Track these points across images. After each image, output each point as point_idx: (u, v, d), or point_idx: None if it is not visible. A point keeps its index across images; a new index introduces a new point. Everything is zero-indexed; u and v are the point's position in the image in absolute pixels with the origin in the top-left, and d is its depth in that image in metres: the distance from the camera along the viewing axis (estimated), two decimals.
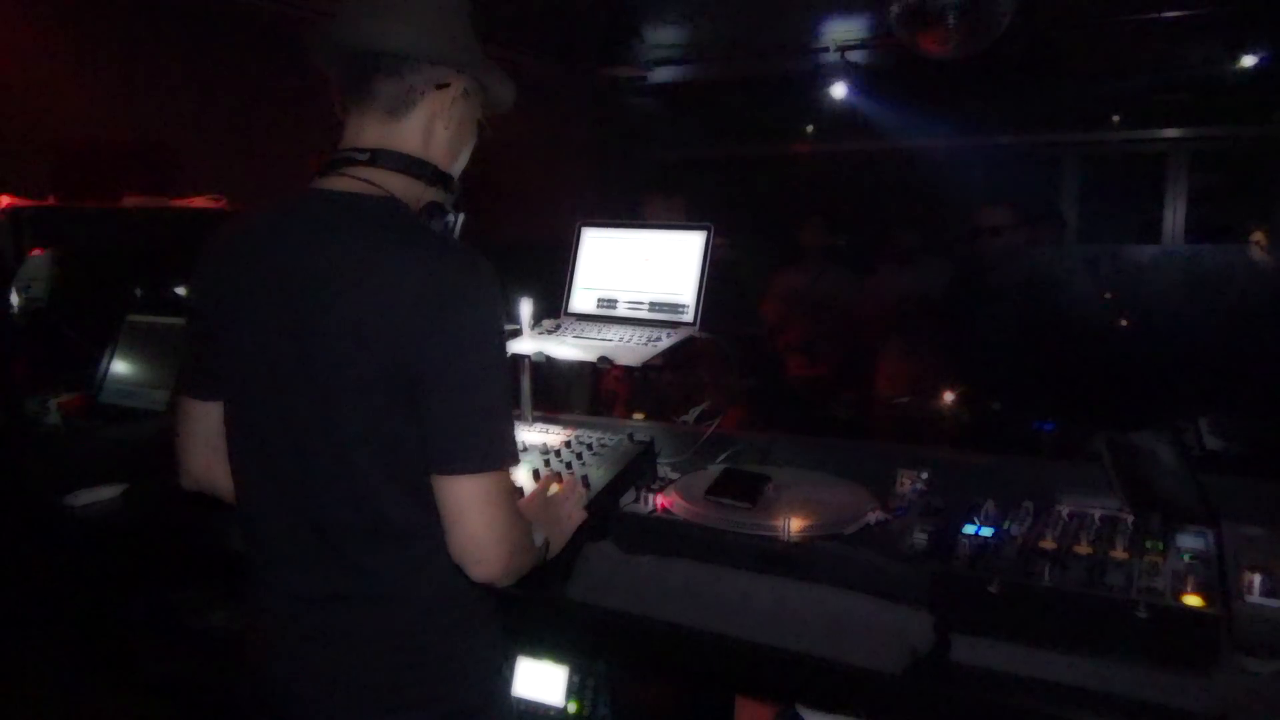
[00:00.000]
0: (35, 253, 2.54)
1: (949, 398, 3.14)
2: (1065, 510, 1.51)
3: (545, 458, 1.77)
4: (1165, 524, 1.44)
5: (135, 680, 2.26)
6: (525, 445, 1.86)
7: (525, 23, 4.62)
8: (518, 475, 1.68)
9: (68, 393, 2.51)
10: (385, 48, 1.23)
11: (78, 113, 3.39)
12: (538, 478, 1.68)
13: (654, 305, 1.99)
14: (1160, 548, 1.35)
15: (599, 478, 1.66)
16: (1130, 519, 1.47)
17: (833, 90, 5.27)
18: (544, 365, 1.97)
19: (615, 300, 2.04)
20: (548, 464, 1.75)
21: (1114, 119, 5.99)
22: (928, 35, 3.54)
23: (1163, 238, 6.00)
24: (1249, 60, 4.70)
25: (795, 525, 1.45)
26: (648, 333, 1.92)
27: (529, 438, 1.91)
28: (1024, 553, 1.34)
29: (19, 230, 2.49)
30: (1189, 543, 1.39)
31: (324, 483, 1.20)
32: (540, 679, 1.73)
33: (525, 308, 2.04)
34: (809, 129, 6.56)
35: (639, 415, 2.57)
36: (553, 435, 1.92)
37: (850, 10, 4.63)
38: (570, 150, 5.95)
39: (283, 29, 3.84)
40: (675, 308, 1.96)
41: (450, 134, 1.31)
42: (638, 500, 1.61)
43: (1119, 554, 1.33)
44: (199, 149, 3.72)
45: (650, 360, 1.80)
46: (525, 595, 1.46)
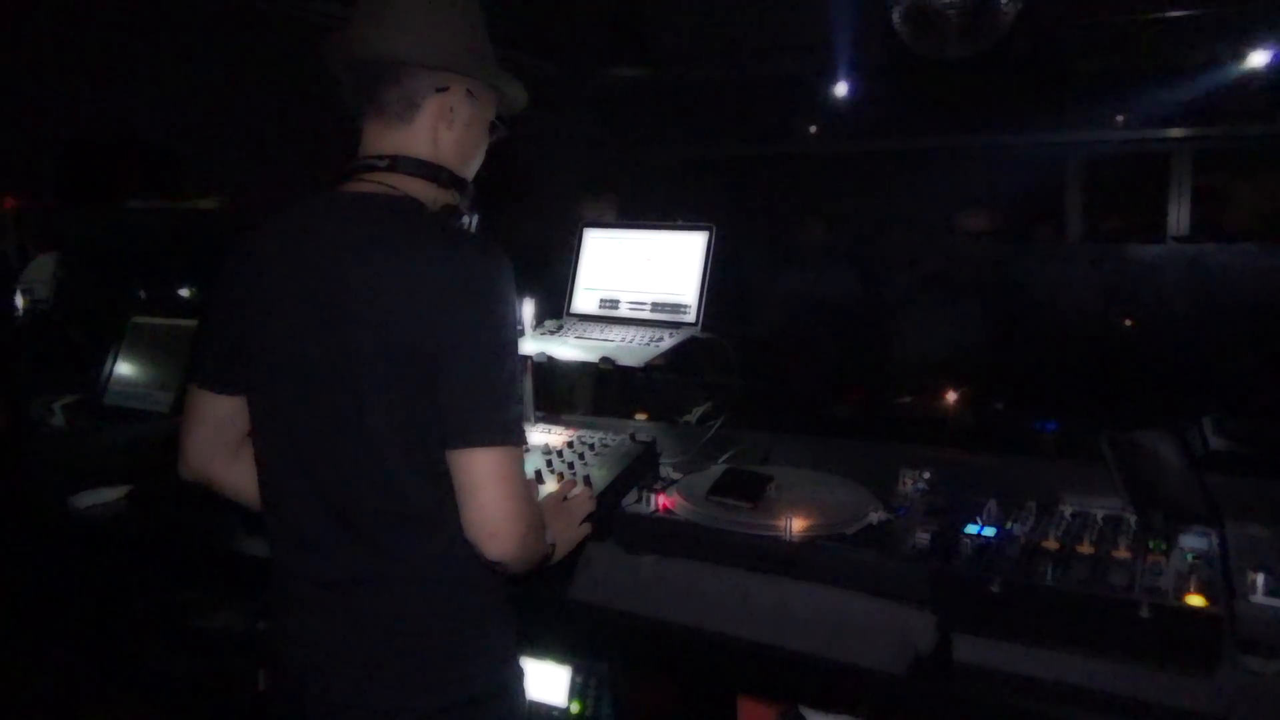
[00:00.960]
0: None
1: (951, 398, 3.14)
2: (1068, 510, 1.51)
3: (547, 458, 1.78)
4: (1168, 524, 1.43)
5: (140, 681, 2.26)
6: (528, 446, 1.86)
7: (526, 23, 4.63)
8: None
9: (71, 394, 2.52)
10: (383, 56, 1.28)
11: (81, 114, 3.40)
12: (539, 478, 1.68)
13: (656, 306, 1.99)
14: (1163, 548, 1.34)
15: (601, 478, 1.67)
16: (1133, 519, 1.46)
17: (835, 90, 5.27)
18: (546, 366, 1.97)
19: (617, 301, 2.04)
20: (550, 464, 1.75)
21: (1118, 118, 5.98)
22: (930, 35, 3.54)
23: (1166, 236, 5.99)
24: (1258, 59, 4.68)
25: (797, 525, 1.45)
26: (650, 333, 1.92)
27: (531, 438, 1.91)
28: (1026, 552, 1.34)
29: (23, 232, 2.50)
30: (1192, 543, 1.38)
31: (350, 468, 1.23)
32: (543, 679, 1.73)
33: (527, 308, 2.04)
34: (811, 129, 6.56)
35: (641, 415, 2.57)
36: (555, 435, 1.92)
37: (852, 11, 4.63)
38: (572, 150, 5.96)
39: (286, 29, 3.85)
40: (677, 308, 1.96)
41: (456, 136, 1.34)
42: (640, 500, 1.61)
43: (1122, 554, 1.33)
44: (202, 150, 3.72)
45: (652, 361, 1.80)
46: (528, 595, 1.47)
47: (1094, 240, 6.09)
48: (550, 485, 1.67)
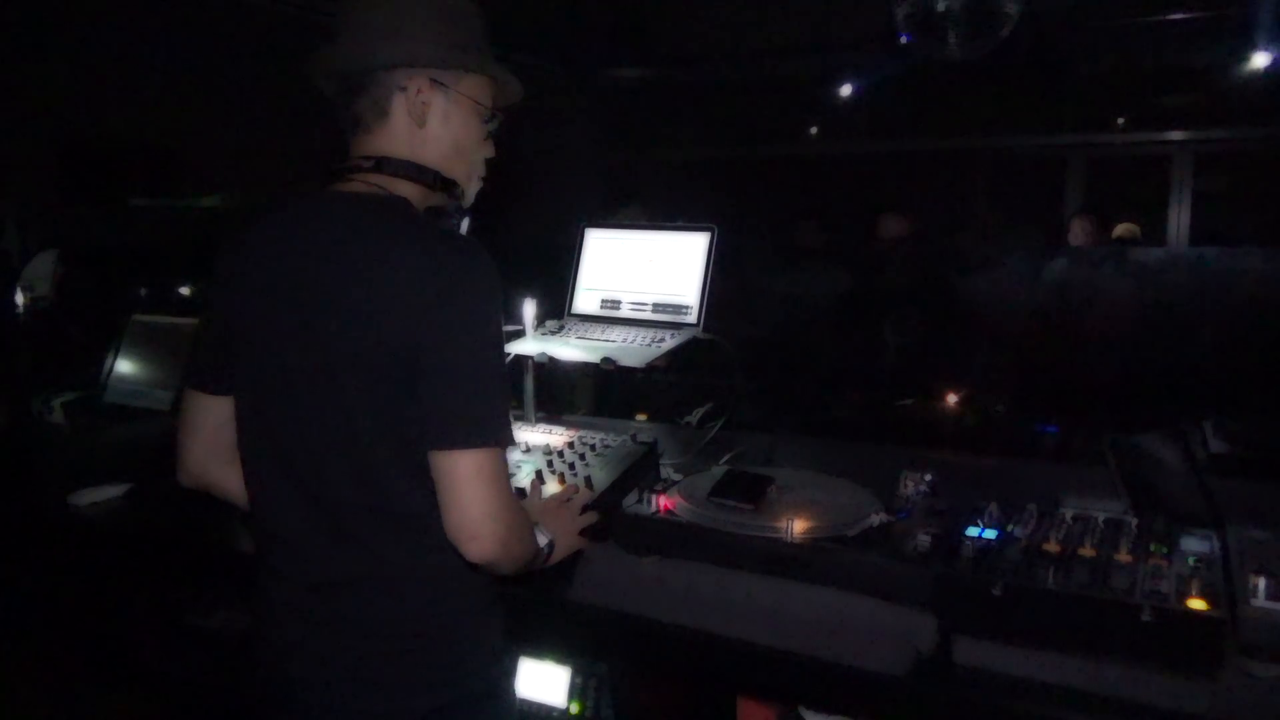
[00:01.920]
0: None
1: (952, 400, 3.13)
2: (1069, 513, 1.50)
3: (548, 459, 1.78)
4: (1170, 527, 1.43)
5: (139, 679, 2.26)
6: (528, 446, 1.86)
7: (529, 24, 4.63)
8: (519, 477, 1.69)
9: (71, 392, 2.52)
10: (344, 68, 1.29)
11: (82, 113, 3.40)
12: (540, 479, 1.68)
13: (657, 306, 1.99)
14: (1165, 551, 1.34)
15: (602, 479, 1.67)
16: (1135, 522, 1.46)
17: (839, 91, 5.27)
18: (547, 366, 1.97)
19: (619, 301, 2.04)
20: (550, 465, 1.75)
21: (1119, 121, 5.98)
22: (933, 37, 3.54)
23: (1167, 239, 5.99)
24: (1260, 61, 4.68)
25: (798, 527, 1.44)
26: (651, 334, 1.92)
27: (532, 439, 1.91)
28: (1028, 555, 1.34)
29: (24, 230, 2.50)
30: (1194, 546, 1.38)
31: (337, 469, 1.23)
32: (542, 680, 1.73)
33: (529, 309, 2.04)
34: (813, 130, 6.57)
35: (642, 416, 2.57)
36: (556, 436, 1.92)
37: (855, 11, 4.63)
38: (573, 151, 5.96)
39: (286, 29, 3.85)
40: (679, 309, 1.96)
41: (432, 133, 1.32)
42: (641, 501, 1.61)
43: (1123, 557, 1.33)
44: (204, 148, 3.73)
45: (654, 361, 1.80)
46: (528, 595, 1.47)
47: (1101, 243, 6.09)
48: (551, 486, 1.66)
